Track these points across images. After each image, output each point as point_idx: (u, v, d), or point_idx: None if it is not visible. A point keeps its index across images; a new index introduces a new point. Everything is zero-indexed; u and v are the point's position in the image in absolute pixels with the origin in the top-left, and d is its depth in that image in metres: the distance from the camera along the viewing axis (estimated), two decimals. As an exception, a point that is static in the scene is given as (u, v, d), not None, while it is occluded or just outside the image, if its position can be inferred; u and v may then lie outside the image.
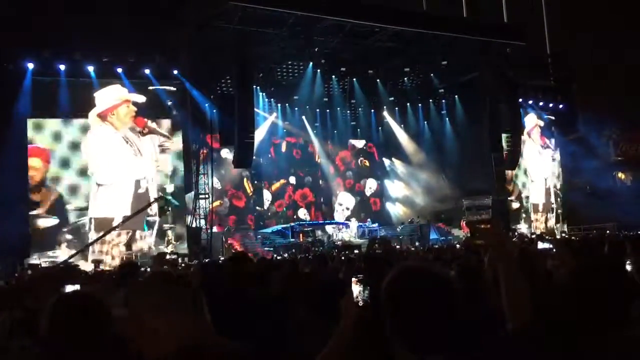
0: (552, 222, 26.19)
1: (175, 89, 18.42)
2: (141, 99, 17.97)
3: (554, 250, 4.52)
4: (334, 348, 1.91)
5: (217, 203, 21.87)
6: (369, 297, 1.92)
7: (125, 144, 17.89)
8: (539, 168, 26.33)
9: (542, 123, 26.74)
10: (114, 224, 16.87)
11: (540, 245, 5.64)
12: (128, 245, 17.41)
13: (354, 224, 23.51)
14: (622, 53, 23.01)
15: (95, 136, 17.58)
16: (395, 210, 28.18)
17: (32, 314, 2.75)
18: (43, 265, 14.80)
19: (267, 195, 25.42)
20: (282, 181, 25.84)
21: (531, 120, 26.23)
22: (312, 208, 26.51)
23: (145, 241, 17.74)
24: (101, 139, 17.61)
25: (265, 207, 25.37)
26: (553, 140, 27.05)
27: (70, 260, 14.51)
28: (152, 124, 18.26)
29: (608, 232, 17.45)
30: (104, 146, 17.61)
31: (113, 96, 17.79)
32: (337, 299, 1.97)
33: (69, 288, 2.22)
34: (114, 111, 17.79)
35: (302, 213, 26.31)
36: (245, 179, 24.54)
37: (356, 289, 1.93)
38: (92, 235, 16.93)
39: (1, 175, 14.77)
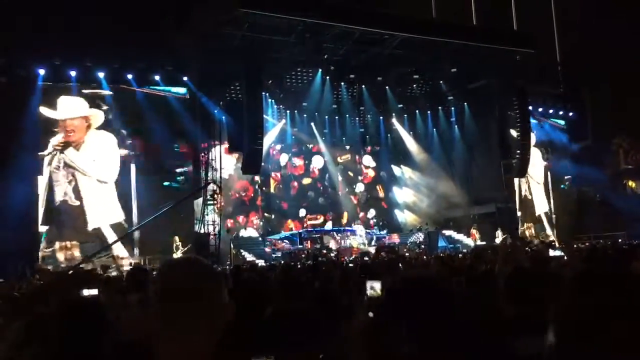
0: (557, 230, 26.01)
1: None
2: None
3: (566, 257, 4.50)
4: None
5: None
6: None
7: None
8: (547, 175, 26.20)
9: (550, 131, 26.65)
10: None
11: (552, 252, 5.62)
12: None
13: (360, 230, 23.39)
14: (632, 60, 22.85)
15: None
16: (404, 217, 28.09)
17: (44, 321, 2.75)
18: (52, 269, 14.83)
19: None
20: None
21: (539, 129, 26.15)
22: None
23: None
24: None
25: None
26: (561, 148, 26.91)
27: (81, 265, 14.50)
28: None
29: (620, 240, 17.26)
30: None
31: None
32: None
33: (87, 292, 2.19)
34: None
35: None
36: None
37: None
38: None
39: (11, 179, 14.87)
